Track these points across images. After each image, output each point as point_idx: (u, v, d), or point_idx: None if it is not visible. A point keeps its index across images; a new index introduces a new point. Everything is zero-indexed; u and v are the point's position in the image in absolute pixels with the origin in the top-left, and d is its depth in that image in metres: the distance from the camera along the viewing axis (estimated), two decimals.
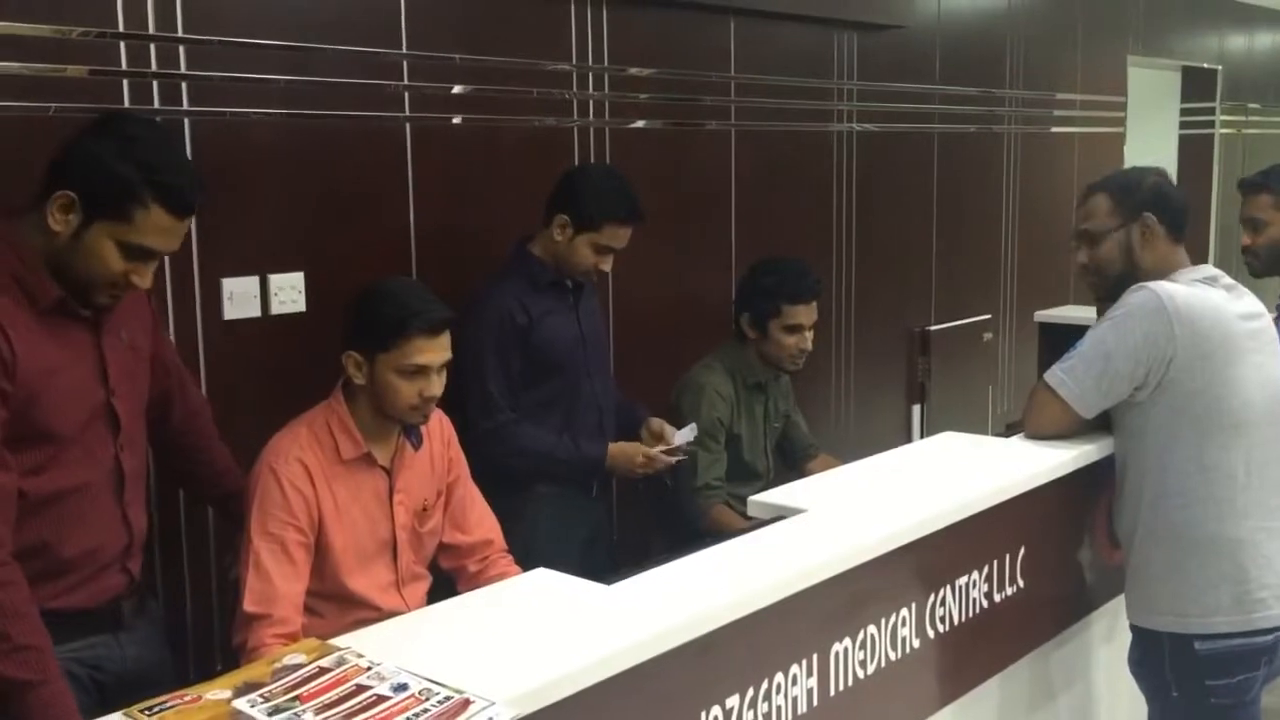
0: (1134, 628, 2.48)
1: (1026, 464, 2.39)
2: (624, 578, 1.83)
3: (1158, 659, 2.39)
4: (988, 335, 5.15)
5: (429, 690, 1.40)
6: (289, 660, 1.50)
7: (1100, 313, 2.55)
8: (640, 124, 3.61)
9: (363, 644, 1.54)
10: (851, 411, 4.54)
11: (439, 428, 2.51)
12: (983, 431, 5.03)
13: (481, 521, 2.56)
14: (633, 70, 3.58)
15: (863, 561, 1.94)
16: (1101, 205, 2.52)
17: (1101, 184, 2.56)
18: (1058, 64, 5.50)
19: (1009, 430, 3.43)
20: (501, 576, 2.49)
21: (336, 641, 1.55)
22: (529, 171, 3.29)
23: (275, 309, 2.82)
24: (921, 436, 4.82)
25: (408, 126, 3.06)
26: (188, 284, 2.68)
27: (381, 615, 2.32)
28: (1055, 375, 2.46)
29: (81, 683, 1.95)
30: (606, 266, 2.95)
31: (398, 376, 2.27)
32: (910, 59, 4.64)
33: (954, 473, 2.40)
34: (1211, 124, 6.83)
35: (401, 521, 2.38)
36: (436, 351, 2.30)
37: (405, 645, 1.56)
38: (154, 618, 2.24)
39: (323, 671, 1.46)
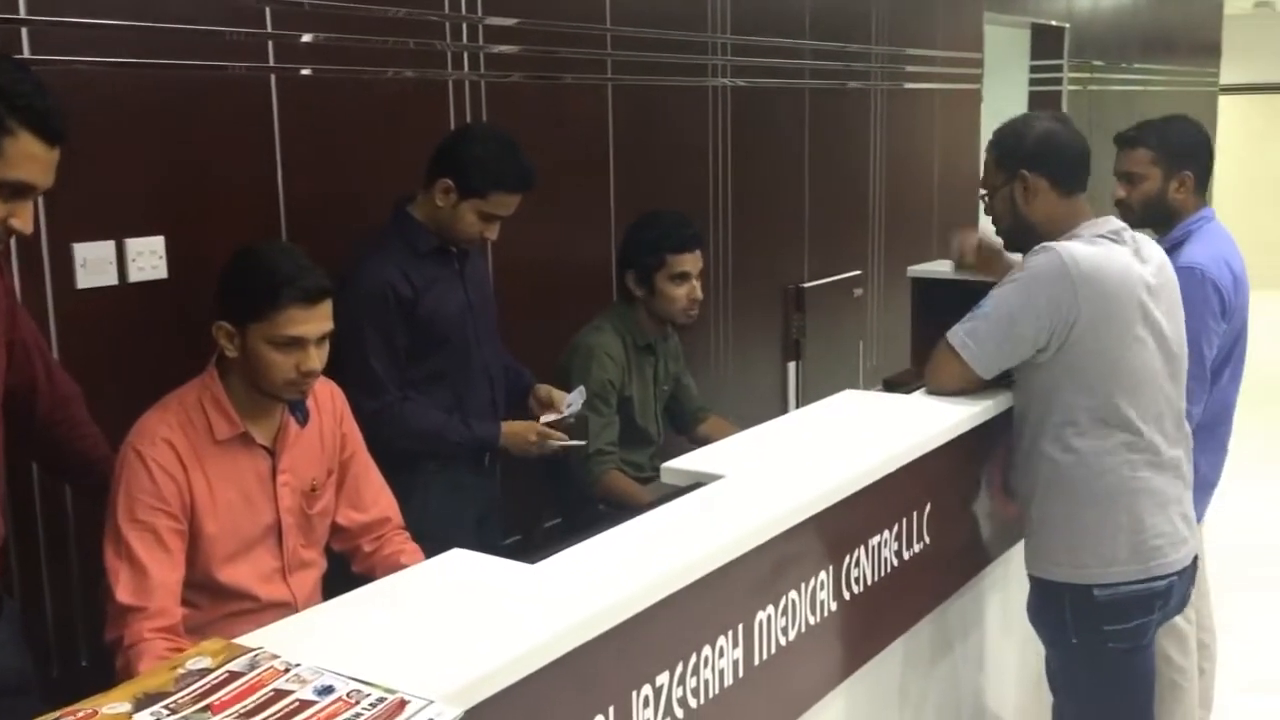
0: (1033, 578, 2.50)
1: (936, 420, 2.38)
2: (517, 548, 1.74)
3: (1057, 608, 2.42)
4: (858, 291, 5.18)
5: (358, 692, 1.28)
6: (193, 665, 1.35)
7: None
8: (516, 77, 3.47)
9: (275, 642, 1.40)
10: (730, 370, 4.51)
11: (330, 401, 2.35)
12: (855, 386, 5.09)
13: (378, 498, 2.42)
14: (508, 21, 3.43)
15: (789, 526, 1.89)
16: (990, 161, 2.52)
17: (993, 138, 2.55)
18: (920, 21, 5.54)
19: (887, 386, 3.44)
20: (398, 554, 2.38)
21: (246, 640, 1.41)
22: (404, 127, 3.13)
23: (134, 276, 2.60)
24: (798, 394, 4.83)
25: (272, 78, 2.85)
26: (34, 251, 2.43)
27: (261, 606, 2.19)
28: (958, 337, 2.44)
29: None
30: (493, 235, 2.81)
31: (272, 349, 2.11)
32: (781, 14, 4.60)
33: (866, 432, 2.37)
34: (1059, 81, 7.01)
35: (287, 504, 2.23)
36: (314, 322, 2.14)
37: (323, 642, 1.43)
38: (12, 619, 2.05)
39: (234, 676, 1.32)
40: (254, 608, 2.18)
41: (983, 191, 2.54)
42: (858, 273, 5.21)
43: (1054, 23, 6.93)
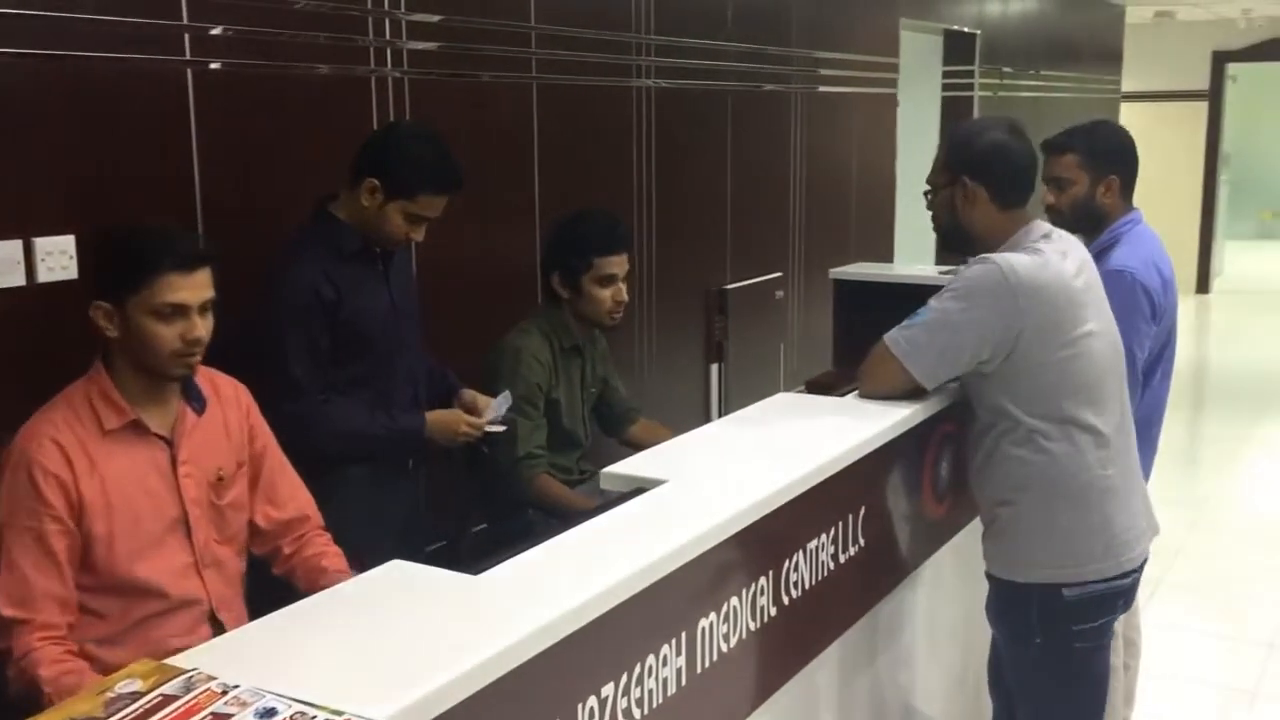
0: (997, 580, 2.49)
1: (872, 423, 2.38)
2: (443, 554, 1.69)
3: (1023, 609, 2.42)
4: (779, 293, 5.20)
5: (303, 714, 1.22)
6: (123, 688, 1.28)
7: (939, 258, 2.57)
8: (439, 75, 3.41)
9: (210, 662, 1.33)
10: (653, 372, 4.49)
11: (235, 395, 2.32)
12: (776, 388, 5.11)
13: (294, 495, 2.38)
14: (431, 18, 3.36)
15: (734, 532, 1.86)
16: (939, 158, 2.51)
17: (946, 136, 2.54)
18: (838, 25, 5.58)
19: (809, 388, 3.43)
20: (320, 556, 2.35)
21: (179, 661, 1.34)
22: (325, 124, 3.06)
23: (43, 277, 2.49)
24: (720, 396, 4.83)
25: (188, 72, 2.75)
26: None
27: (173, 605, 2.13)
28: (899, 344, 2.43)
29: None
30: (419, 236, 2.73)
31: (154, 320, 2.06)
32: (704, 15, 4.59)
33: (806, 435, 2.36)
34: (971, 86, 7.12)
35: (192, 496, 2.17)
36: (194, 289, 2.09)
37: (261, 661, 1.36)
38: None
39: (168, 700, 1.26)
40: (165, 608, 2.13)
41: (926, 188, 2.54)
42: (778, 275, 5.22)
43: (966, 29, 7.04)
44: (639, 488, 1.99)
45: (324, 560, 2.34)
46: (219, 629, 2.18)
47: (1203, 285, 12.03)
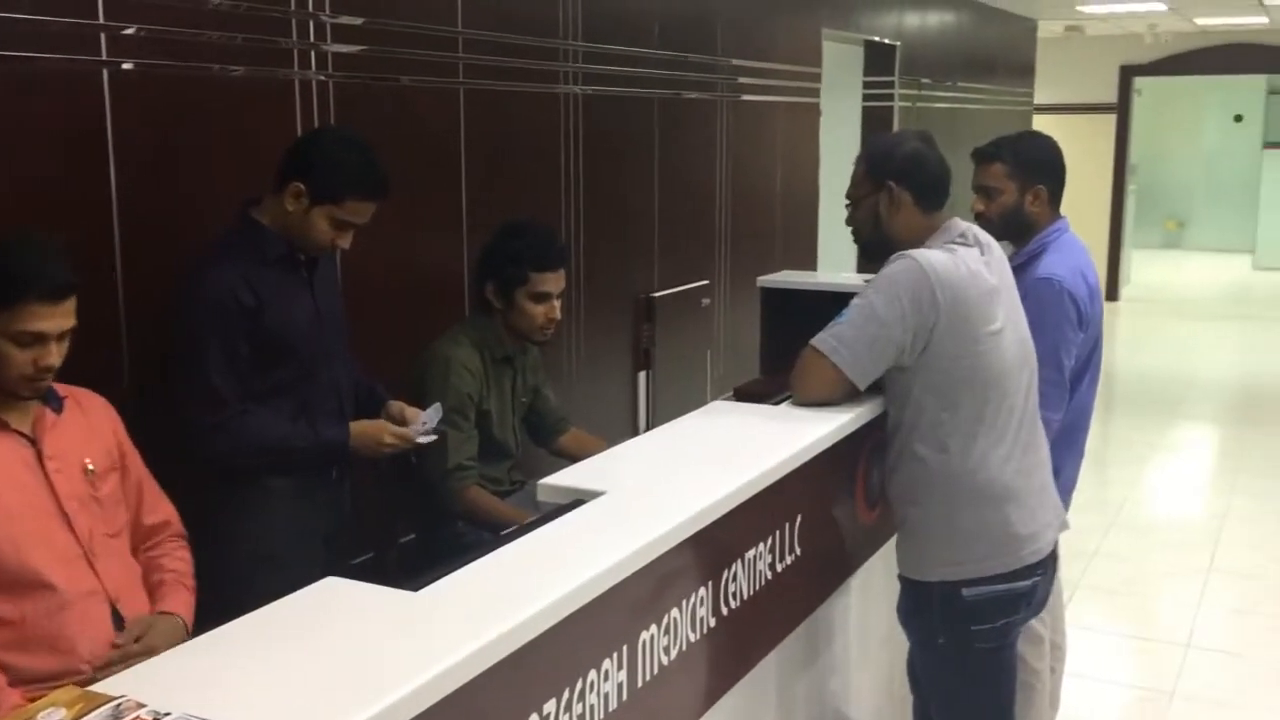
0: (905, 580, 2.53)
1: (809, 430, 2.38)
2: (370, 567, 1.65)
3: (927, 609, 2.46)
4: (706, 301, 5.20)
5: None
6: (46, 717, 1.22)
7: (860, 267, 2.60)
8: (365, 78, 3.34)
9: (139, 689, 1.28)
10: (581, 379, 4.46)
11: (99, 408, 2.32)
12: (703, 395, 5.11)
13: (157, 504, 2.39)
14: (356, 20, 3.30)
15: (675, 544, 1.85)
16: (859, 171, 2.56)
17: (863, 149, 2.60)
18: (762, 35, 5.61)
19: (737, 395, 3.44)
20: (161, 556, 2.35)
21: (105, 687, 1.28)
22: (248, 128, 2.98)
23: None
24: (648, 403, 4.82)
25: (104, 73, 2.66)
26: None
27: (67, 597, 2.09)
28: (828, 343, 2.44)
29: None
30: (345, 243, 2.67)
31: (10, 343, 2.05)
32: (632, 23, 4.58)
33: (744, 444, 2.35)
34: (891, 97, 7.22)
35: (65, 490, 2.15)
36: (57, 319, 2.08)
37: (191, 685, 1.31)
38: None
39: None
40: (60, 601, 2.09)
41: (846, 202, 2.58)
42: (705, 282, 5.23)
43: (886, 40, 7.13)
44: (577, 499, 1.96)
45: (164, 560, 2.35)
46: (120, 623, 2.17)
47: (1111, 293, 12.32)
